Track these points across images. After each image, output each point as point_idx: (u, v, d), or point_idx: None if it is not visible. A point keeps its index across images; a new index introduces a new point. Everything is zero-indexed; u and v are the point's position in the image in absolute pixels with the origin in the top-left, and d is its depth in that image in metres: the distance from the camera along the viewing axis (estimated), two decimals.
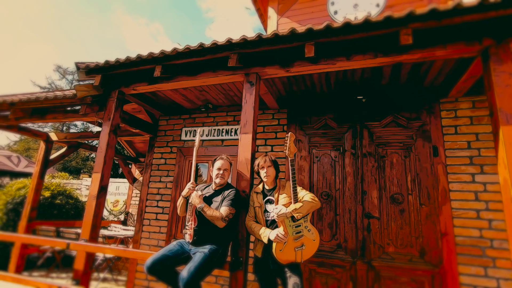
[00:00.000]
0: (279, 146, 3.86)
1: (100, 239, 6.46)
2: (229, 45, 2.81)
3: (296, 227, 2.31)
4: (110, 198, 7.89)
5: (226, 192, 2.52)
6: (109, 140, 3.45)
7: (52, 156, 5.46)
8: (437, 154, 3.15)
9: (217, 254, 2.33)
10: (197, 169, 4.32)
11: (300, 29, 2.52)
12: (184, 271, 2.10)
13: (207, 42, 2.86)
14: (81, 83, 3.59)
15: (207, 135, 4.28)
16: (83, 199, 7.23)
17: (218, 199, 2.54)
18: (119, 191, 7.89)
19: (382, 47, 2.54)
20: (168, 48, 3.07)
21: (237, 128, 4.12)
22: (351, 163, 3.39)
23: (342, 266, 3.14)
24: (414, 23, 2.27)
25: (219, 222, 2.34)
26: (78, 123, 24.05)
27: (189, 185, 2.52)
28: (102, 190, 3.38)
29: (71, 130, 22.58)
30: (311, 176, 3.52)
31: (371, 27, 2.37)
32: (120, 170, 18.93)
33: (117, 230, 6.54)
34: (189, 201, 2.48)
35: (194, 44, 2.92)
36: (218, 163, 2.64)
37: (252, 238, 2.70)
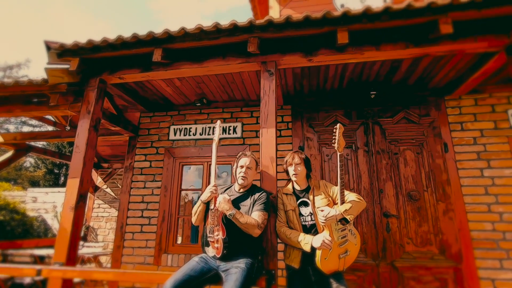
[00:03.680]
0: (284, 145, 3.58)
1: (46, 260, 5.43)
2: (250, 27, 2.47)
3: (341, 231, 2.05)
4: None
5: (257, 195, 2.14)
6: (89, 138, 2.82)
7: None
8: (447, 150, 3.18)
9: (253, 269, 1.95)
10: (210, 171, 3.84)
11: (336, 13, 2.30)
12: None
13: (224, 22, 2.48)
14: (50, 66, 2.89)
15: (200, 134, 3.82)
16: (32, 213, 6.06)
17: (246, 203, 2.15)
18: None
19: (414, 37, 2.44)
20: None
21: (236, 126, 3.74)
22: (365, 160, 3.26)
23: (363, 270, 2.96)
24: (455, 11, 2.20)
25: (255, 230, 1.97)
26: (12, 126, 20.90)
27: (210, 187, 2.09)
28: (82, 198, 2.74)
29: None
30: (323, 175, 3.31)
31: (411, 14, 2.25)
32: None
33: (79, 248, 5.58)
34: (212, 207, 2.06)
35: (206, 24, 2.52)
36: (241, 161, 2.25)
37: (280, 246, 2.37)
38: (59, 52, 2.79)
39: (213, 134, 3.74)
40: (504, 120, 3.22)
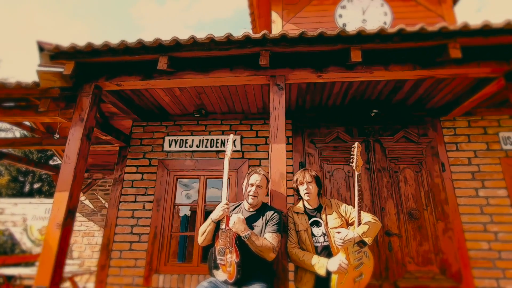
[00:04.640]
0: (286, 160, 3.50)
1: (18, 280, 4.95)
2: (263, 40, 2.42)
3: (357, 253, 1.98)
4: (35, 224, 6.20)
5: (269, 214, 2.04)
6: (81, 148, 2.60)
7: None
8: (445, 169, 3.25)
9: None
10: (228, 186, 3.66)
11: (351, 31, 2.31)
12: None
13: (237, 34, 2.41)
14: (41, 69, 2.67)
15: (197, 146, 3.66)
16: None
17: (258, 223, 2.04)
18: (49, 215, 6.28)
19: (421, 59, 2.50)
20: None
21: (236, 139, 3.63)
22: (366, 178, 3.26)
23: None
24: (464, 37, 2.28)
25: (270, 254, 1.85)
26: None
27: (222, 206, 1.96)
28: (70, 214, 2.49)
29: None
30: (324, 192, 3.26)
31: (423, 37, 2.30)
32: (35, 186, 15.65)
33: None
34: (224, 227, 1.93)
35: (218, 34, 2.44)
36: (252, 178, 2.14)
37: (290, 268, 2.25)
38: (53, 54, 2.58)
39: (217, 146, 3.63)
40: (495, 142, 3.36)
